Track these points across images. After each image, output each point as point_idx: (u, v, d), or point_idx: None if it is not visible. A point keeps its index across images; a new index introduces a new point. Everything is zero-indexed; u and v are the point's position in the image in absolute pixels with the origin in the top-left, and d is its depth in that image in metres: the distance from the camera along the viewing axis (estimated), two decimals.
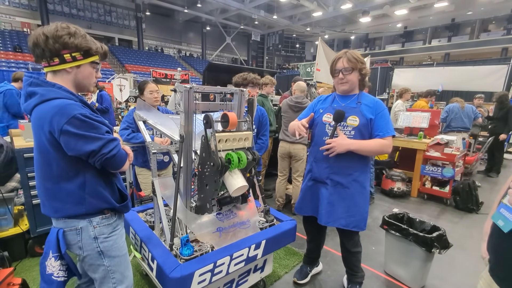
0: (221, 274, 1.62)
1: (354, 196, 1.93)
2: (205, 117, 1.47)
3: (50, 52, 1.15)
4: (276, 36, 29.85)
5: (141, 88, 2.74)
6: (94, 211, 1.28)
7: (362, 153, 1.87)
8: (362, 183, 1.95)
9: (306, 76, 9.57)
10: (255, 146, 3.03)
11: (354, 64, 1.84)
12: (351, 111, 1.89)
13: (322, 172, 1.98)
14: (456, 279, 2.46)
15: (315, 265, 2.46)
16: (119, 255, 1.39)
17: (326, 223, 2.00)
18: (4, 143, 2.24)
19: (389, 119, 1.89)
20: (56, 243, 1.26)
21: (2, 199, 2.29)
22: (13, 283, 1.83)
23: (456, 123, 5.45)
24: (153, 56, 24.84)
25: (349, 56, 1.85)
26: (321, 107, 2.05)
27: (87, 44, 1.20)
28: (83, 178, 1.23)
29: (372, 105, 1.89)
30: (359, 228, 1.96)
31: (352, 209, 1.93)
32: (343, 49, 1.95)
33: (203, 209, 1.63)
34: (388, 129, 1.85)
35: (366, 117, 1.86)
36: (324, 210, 1.99)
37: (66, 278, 1.35)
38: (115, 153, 1.21)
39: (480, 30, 24.13)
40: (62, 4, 20.77)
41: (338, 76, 1.91)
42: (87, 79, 1.27)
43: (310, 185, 2.09)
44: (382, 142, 1.84)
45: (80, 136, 1.13)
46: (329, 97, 2.08)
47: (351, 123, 1.89)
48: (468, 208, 3.91)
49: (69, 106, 1.13)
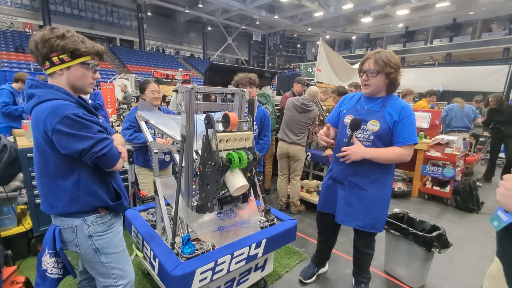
0: (222, 272, 1.64)
1: (372, 198, 1.90)
2: (206, 117, 1.49)
3: (41, 56, 1.21)
4: (277, 36, 29.84)
5: (142, 88, 2.75)
6: (88, 209, 1.31)
7: (378, 161, 1.82)
8: (381, 186, 1.91)
9: (307, 76, 9.57)
10: (256, 146, 3.05)
11: (381, 68, 1.73)
12: (373, 114, 1.83)
13: (340, 173, 1.98)
14: (456, 279, 2.47)
15: (323, 266, 2.47)
16: (116, 252, 1.42)
17: (343, 222, 2.00)
18: (7, 143, 2.25)
19: (414, 126, 1.79)
20: (52, 240, 1.30)
21: (6, 198, 2.31)
22: (16, 281, 1.86)
23: (456, 123, 5.44)
24: (155, 57, 24.90)
25: (377, 58, 1.74)
26: (345, 107, 2.00)
27: (73, 45, 1.20)
28: (77, 175, 1.26)
29: (397, 110, 1.79)
30: (376, 229, 1.95)
31: (370, 211, 1.91)
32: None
33: (204, 208, 1.64)
34: (411, 137, 1.76)
35: (388, 122, 1.78)
36: (341, 209, 1.99)
37: (60, 276, 1.38)
38: (106, 152, 1.23)
39: (482, 30, 24.04)
40: (64, 4, 20.84)
41: (362, 77, 1.84)
42: (80, 80, 1.28)
43: (330, 183, 2.10)
44: (400, 152, 1.77)
45: (72, 135, 1.17)
46: (355, 96, 2.01)
47: (371, 128, 1.82)
48: (468, 208, 3.92)
49: (62, 106, 1.17)
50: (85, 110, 1.29)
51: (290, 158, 3.55)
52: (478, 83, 7.63)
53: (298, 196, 3.68)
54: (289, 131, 3.49)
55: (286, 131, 3.52)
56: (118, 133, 1.63)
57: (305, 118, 3.44)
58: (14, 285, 1.83)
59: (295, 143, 3.45)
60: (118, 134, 1.58)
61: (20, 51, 17.03)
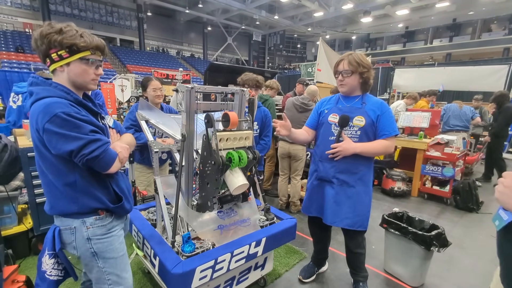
0: (222, 270, 1.65)
1: (359, 195, 1.95)
2: (206, 116, 1.50)
3: (42, 54, 1.18)
4: (277, 36, 29.87)
5: (144, 85, 2.72)
6: (87, 210, 1.26)
7: (367, 155, 1.92)
8: (366, 182, 1.98)
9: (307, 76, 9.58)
10: (257, 146, 3.06)
11: (355, 68, 1.86)
12: (357, 111, 1.92)
13: (328, 171, 1.99)
14: (455, 278, 2.47)
15: (323, 265, 2.48)
16: (115, 257, 1.35)
17: (332, 223, 2.01)
18: (8, 142, 2.26)
19: (393, 119, 1.93)
20: (52, 241, 1.27)
21: (7, 197, 2.33)
22: (17, 280, 1.87)
23: (453, 121, 5.45)
24: (155, 57, 24.92)
25: (350, 59, 1.87)
26: (326, 108, 2.08)
27: (70, 40, 1.14)
28: (73, 176, 1.21)
29: (376, 106, 1.92)
30: (363, 227, 1.98)
31: (358, 208, 1.95)
32: (347, 51, 1.98)
33: (204, 207, 1.65)
34: (393, 129, 1.89)
35: (371, 117, 1.89)
36: (329, 209, 2.00)
37: (60, 278, 1.33)
38: (97, 154, 1.15)
39: (482, 30, 24.07)
40: (64, 4, 20.87)
41: (338, 78, 1.96)
42: (81, 76, 1.22)
43: (316, 184, 2.10)
44: (386, 144, 1.89)
45: (61, 135, 1.11)
46: (333, 98, 2.10)
47: (357, 123, 1.91)
48: (468, 207, 3.92)
49: (53, 104, 1.12)
50: (85, 108, 1.24)
51: (291, 157, 3.57)
52: (478, 83, 7.65)
53: (298, 195, 3.69)
54: None
55: None
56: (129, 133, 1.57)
57: (305, 118, 3.43)
58: (15, 284, 1.83)
59: (295, 143, 3.46)
60: (128, 134, 1.54)
61: (20, 51, 17.04)
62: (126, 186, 1.42)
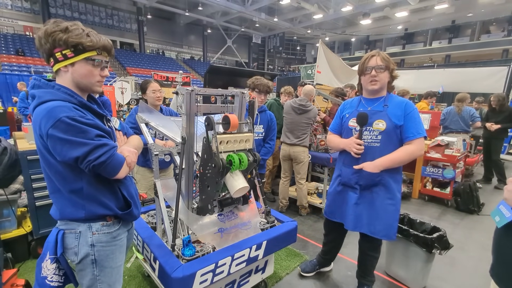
0: (222, 274, 1.64)
1: (383, 203, 1.89)
2: (206, 119, 1.49)
3: (46, 53, 1.13)
4: (277, 39, 29.96)
5: (143, 88, 2.71)
6: (94, 216, 1.22)
7: (392, 167, 1.85)
8: (392, 189, 1.90)
9: (307, 78, 9.59)
10: (262, 150, 3.08)
11: (387, 63, 1.81)
12: (377, 114, 1.85)
13: (351, 177, 1.95)
14: (456, 280, 2.46)
15: (327, 265, 2.47)
16: (112, 267, 1.31)
17: (354, 229, 1.97)
18: (8, 145, 2.26)
19: (419, 119, 1.83)
20: (54, 245, 1.22)
21: (6, 200, 2.32)
22: (16, 284, 1.85)
23: (454, 126, 5.44)
24: (155, 59, 24.95)
25: (383, 55, 1.83)
26: (347, 112, 2.02)
27: (76, 39, 1.09)
28: (80, 183, 1.17)
29: (401, 107, 1.83)
30: (388, 237, 1.92)
31: (382, 216, 1.89)
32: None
33: (204, 210, 1.65)
34: (417, 131, 1.80)
35: (393, 120, 1.81)
36: (352, 215, 1.96)
37: (61, 284, 1.28)
38: (103, 160, 1.11)
39: (481, 32, 24.15)
40: (64, 7, 20.96)
41: (370, 74, 1.83)
42: (86, 77, 1.17)
43: (339, 190, 2.06)
44: (410, 150, 1.80)
45: (66, 141, 1.06)
46: (355, 100, 2.03)
47: (378, 127, 1.84)
48: (469, 209, 3.91)
49: (56, 108, 1.06)
50: (90, 111, 1.19)
51: (292, 160, 3.56)
52: (477, 84, 7.63)
53: (306, 199, 3.69)
54: (290, 133, 3.51)
55: (288, 133, 3.54)
56: (137, 135, 1.53)
57: (305, 119, 3.45)
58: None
59: (295, 145, 3.46)
60: (135, 136, 1.49)
61: (21, 54, 17.04)
62: (134, 191, 1.39)
